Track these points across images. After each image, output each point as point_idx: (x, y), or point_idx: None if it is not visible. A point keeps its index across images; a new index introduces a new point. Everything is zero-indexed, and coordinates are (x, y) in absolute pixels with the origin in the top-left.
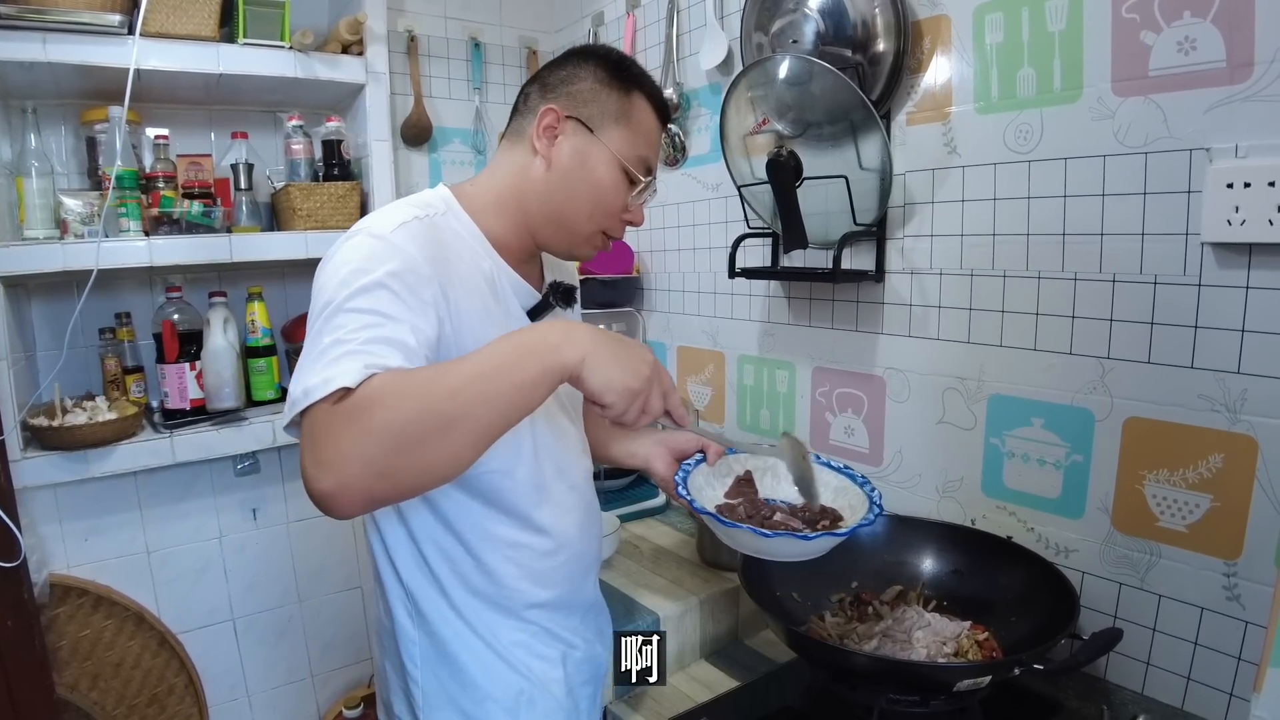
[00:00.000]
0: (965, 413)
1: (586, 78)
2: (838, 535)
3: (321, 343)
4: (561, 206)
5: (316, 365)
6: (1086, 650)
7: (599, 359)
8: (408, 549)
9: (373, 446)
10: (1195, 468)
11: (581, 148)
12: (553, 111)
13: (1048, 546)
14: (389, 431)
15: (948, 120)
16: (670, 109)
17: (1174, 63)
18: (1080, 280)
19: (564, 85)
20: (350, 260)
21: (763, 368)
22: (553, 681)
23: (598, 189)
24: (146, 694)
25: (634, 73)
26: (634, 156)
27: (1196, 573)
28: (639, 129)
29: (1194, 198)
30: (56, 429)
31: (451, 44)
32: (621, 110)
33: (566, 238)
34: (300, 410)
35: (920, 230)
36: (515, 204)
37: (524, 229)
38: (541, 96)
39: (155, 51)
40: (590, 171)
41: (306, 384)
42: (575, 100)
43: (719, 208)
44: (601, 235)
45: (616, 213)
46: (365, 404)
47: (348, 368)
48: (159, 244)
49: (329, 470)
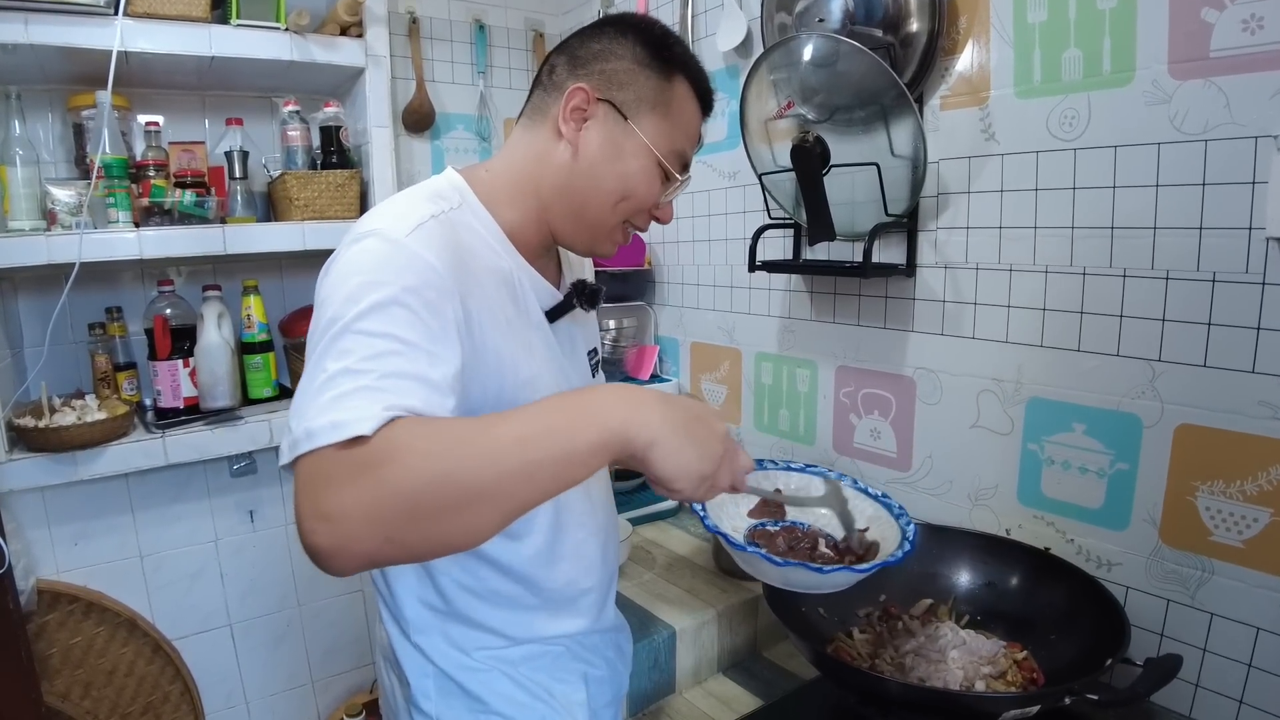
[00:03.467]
0: (1001, 416)
1: (624, 55)
2: (857, 571)
3: (326, 369)
4: (585, 199)
5: (320, 398)
6: (1146, 680)
7: (671, 444)
8: (412, 581)
9: (383, 508)
10: (1254, 479)
11: (613, 136)
12: (583, 91)
13: (1088, 559)
14: (403, 494)
15: (985, 105)
16: (713, 99)
17: (1238, 42)
18: (1130, 277)
19: (597, 61)
20: (361, 269)
21: (782, 366)
22: (575, 705)
23: (627, 183)
24: (141, 702)
25: (678, 53)
26: (670, 151)
27: (1253, 591)
28: (678, 119)
29: (1259, 189)
30: (43, 430)
31: (455, 26)
32: (660, 96)
33: (588, 233)
34: (301, 453)
35: (955, 222)
36: (533, 193)
37: (542, 221)
38: (571, 72)
39: (143, 33)
40: (621, 163)
41: (310, 424)
42: (609, 81)
43: (736, 197)
44: (624, 230)
45: (645, 210)
46: (380, 457)
47: (362, 408)
48: (149, 235)
49: (329, 526)
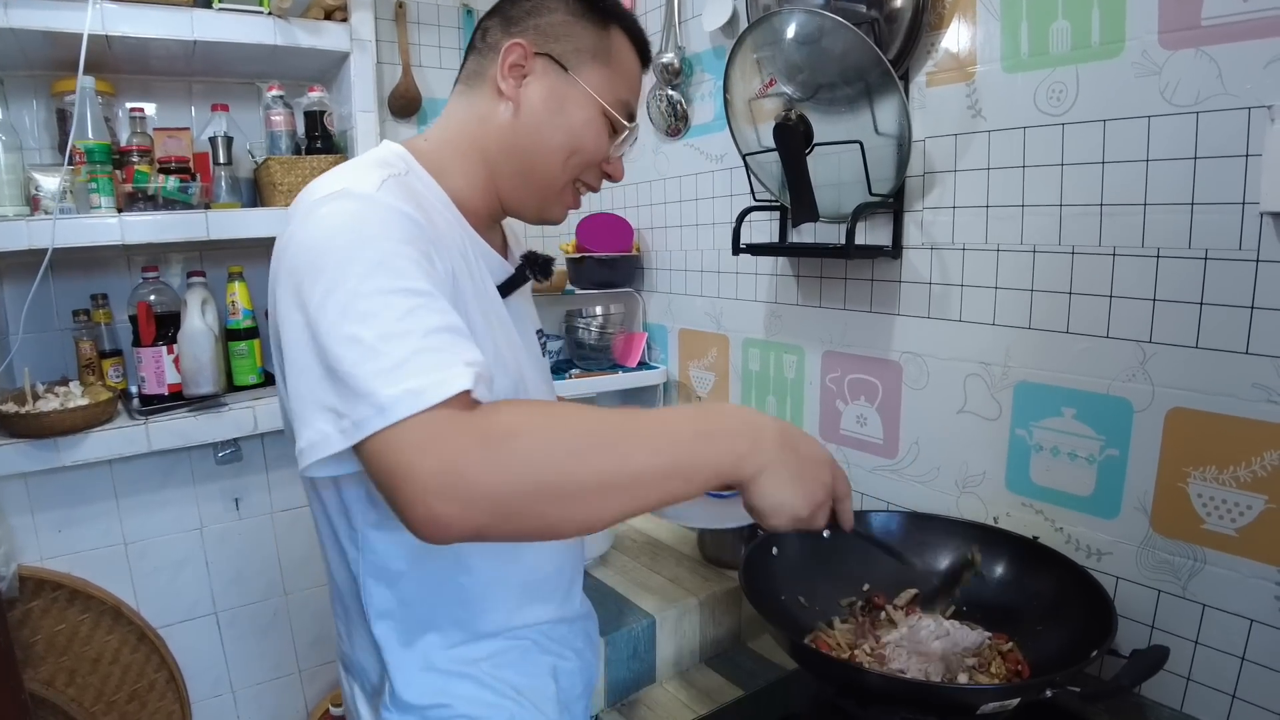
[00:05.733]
0: (989, 401)
1: (556, 9)
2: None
3: (360, 339)
4: (532, 156)
5: (377, 364)
6: (1130, 673)
7: (778, 479)
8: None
9: (514, 480)
10: (1248, 465)
11: (555, 88)
12: (520, 47)
13: (1078, 548)
14: (532, 468)
15: (972, 80)
16: (650, 49)
17: (1231, 10)
18: (1120, 256)
19: (530, 18)
20: (343, 228)
21: (769, 352)
22: (545, 701)
23: (574, 135)
24: (126, 690)
25: (609, 4)
26: (615, 100)
27: (1246, 581)
28: (619, 68)
29: (1252, 162)
30: (24, 416)
31: (441, 10)
32: (599, 46)
33: (538, 194)
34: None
35: (941, 201)
36: (478, 157)
37: (489, 188)
38: (505, 31)
39: (125, 17)
40: (566, 116)
41: (392, 391)
42: (545, 35)
43: (724, 180)
44: (574, 191)
45: (595, 164)
46: (505, 427)
47: (439, 368)
48: (130, 221)
49: (453, 490)
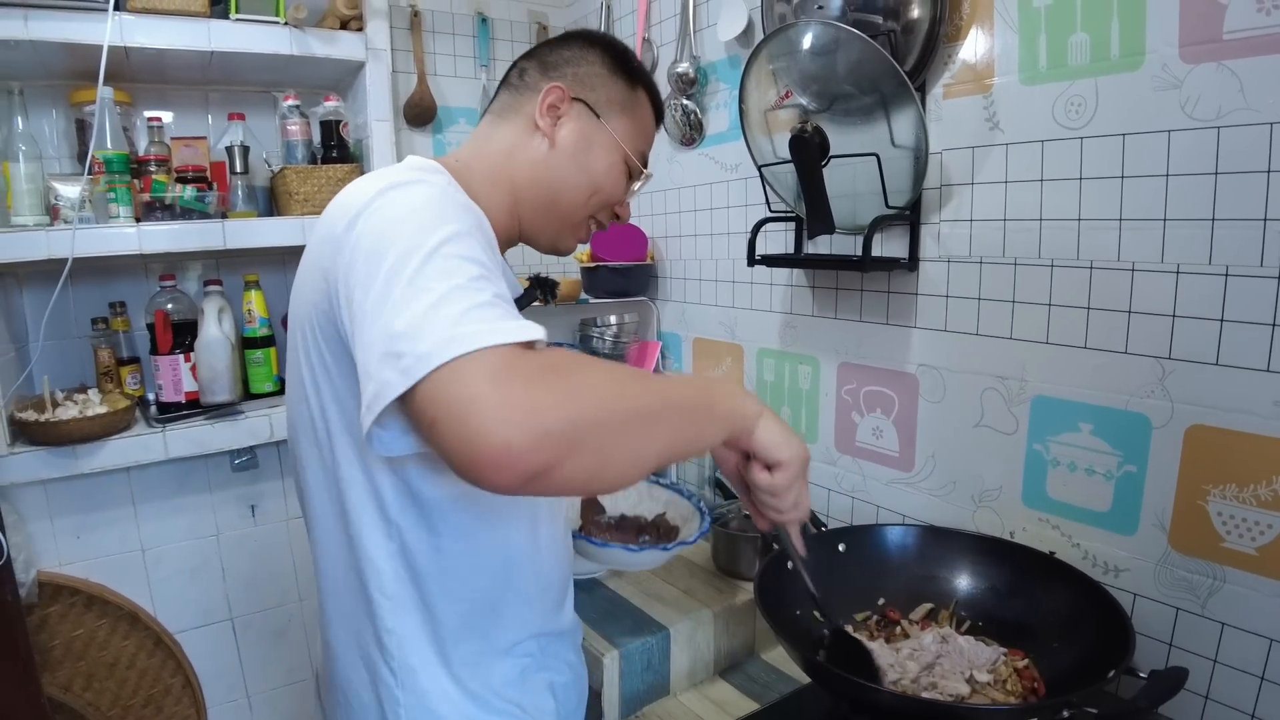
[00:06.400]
0: (1006, 415)
1: (594, 62)
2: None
3: (432, 289)
4: (558, 190)
5: (448, 310)
6: (1149, 694)
7: (773, 420)
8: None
9: (577, 410)
10: (1269, 484)
11: (586, 131)
12: (559, 90)
13: (1095, 565)
14: (594, 398)
15: (989, 93)
16: (664, 112)
17: (1253, 24)
18: (1139, 271)
19: (568, 65)
20: (421, 205)
21: (784, 362)
22: (545, 714)
23: (597, 175)
24: (142, 695)
25: (636, 67)
26: (635, 149)
27: (1266, 600)
28: (640, 123)
29: (1274, 178)
30: (43, 424)
31: (457, 19)
32: (627, 101)
33: (557, 225)
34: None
35: (958, 214)
36: (506, 185)
37: (511, 214)
38: (543, 74)
39: (142, 28)
40: (593, 157)
41: (460, 330)
42: (582, 83)
43: (738, 190)
44: (588, 226)
45: (611, 204)
46: (567, 363)
47: (507, 319)
48: (148, 230)
49: (527, 418)
